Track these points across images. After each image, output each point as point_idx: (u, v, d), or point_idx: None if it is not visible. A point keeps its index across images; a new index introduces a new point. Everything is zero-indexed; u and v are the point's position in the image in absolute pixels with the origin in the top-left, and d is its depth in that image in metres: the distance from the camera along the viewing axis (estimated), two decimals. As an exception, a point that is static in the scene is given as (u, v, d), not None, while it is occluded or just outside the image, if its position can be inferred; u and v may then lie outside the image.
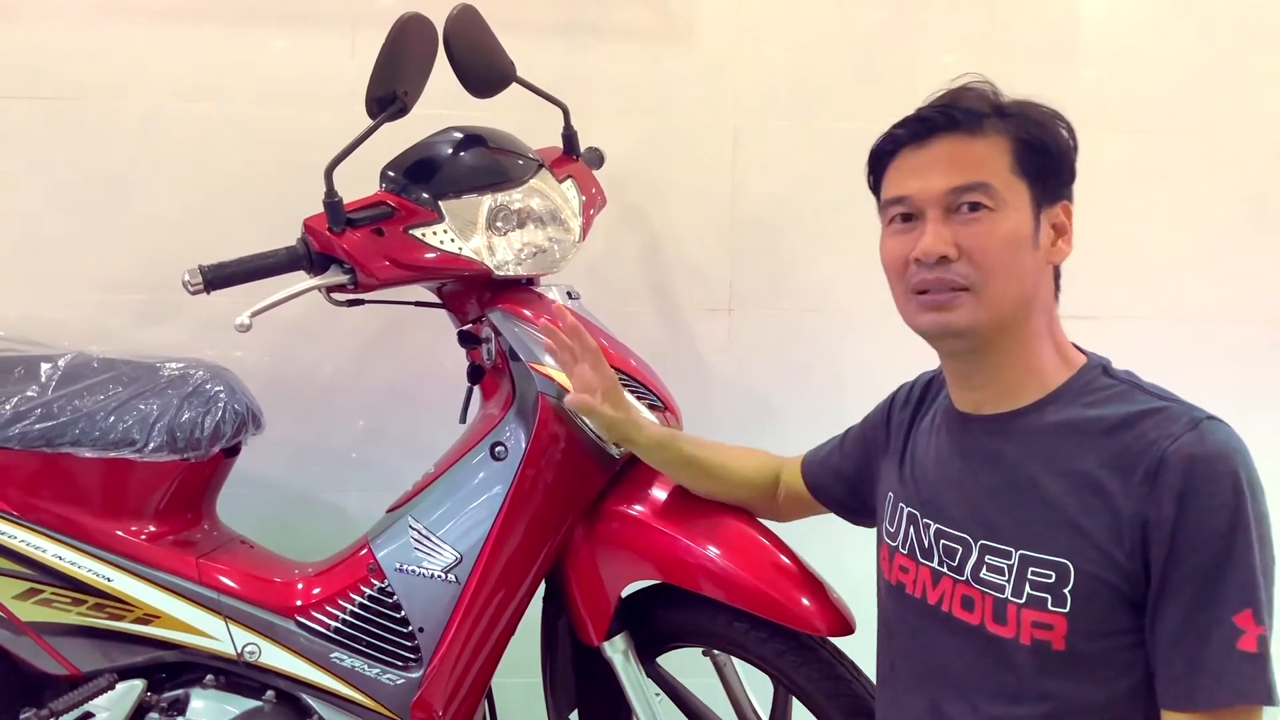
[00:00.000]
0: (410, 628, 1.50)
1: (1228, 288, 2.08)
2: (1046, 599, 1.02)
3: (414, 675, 1.50)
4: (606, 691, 1.57)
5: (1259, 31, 2.02)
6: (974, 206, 1.05)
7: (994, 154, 1.06)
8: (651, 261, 2.01)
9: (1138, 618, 1.00)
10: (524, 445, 1.46)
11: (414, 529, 1.51)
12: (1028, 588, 1.04)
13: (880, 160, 1.14)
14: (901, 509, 1.20)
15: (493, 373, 1.53)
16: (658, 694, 1.57)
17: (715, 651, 1.60)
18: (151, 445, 1.54)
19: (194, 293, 1.37)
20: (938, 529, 1.14)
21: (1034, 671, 1.04)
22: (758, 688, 1.59)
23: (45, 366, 1.57)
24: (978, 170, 1.05)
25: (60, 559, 1.53)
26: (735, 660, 1.59)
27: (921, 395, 1.26)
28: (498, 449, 1.48)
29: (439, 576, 1.48)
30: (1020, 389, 1.09)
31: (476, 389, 1.58)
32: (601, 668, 1.54)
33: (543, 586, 1.57)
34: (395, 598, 1.50)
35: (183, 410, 1.56)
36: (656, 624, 1.55)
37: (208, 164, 1.93)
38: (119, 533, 1.56)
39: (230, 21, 1.91)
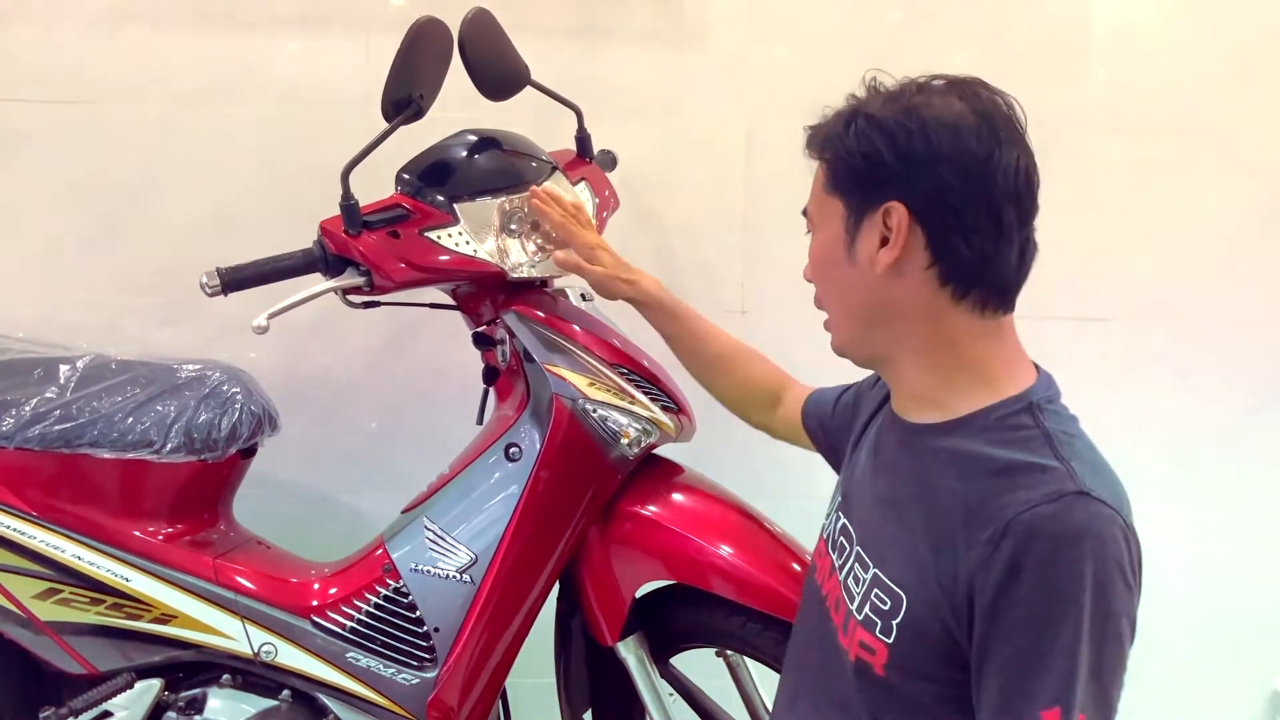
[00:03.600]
0: (425, 628, 1.50)
1: (1241, 289, 2.07)
2: (877, 624, 1.00)
3: (429, 675, 1.51)
4: (620, 692, 1.58)
5: (1272, 31, 2.01)
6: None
7: (818, 176, 1.07)
8: (664, 263, 2.01)
9: (957, 672, 0.95)
10: (539, 446, 1.46)
11: (429, 529, 1.52)
12: (868, 608, 1.02)
13: None
14: (837, 495, 1.21)
15: (507, 374, 1.53)
16: (671, 695, 1.57)
17: (729, 652, 1.60)
18: (169, 446, 1.55)
19: (211, 295, 1.38)
20: (844, 524, 1.13)
21: (857, 690, 1.03)
22: (771, 688, 1.60)
23: (64, 368, 1.58)
24: (809, 195, 1.09)
25: (79, 559, 1.54)
26: (748, 661, 1.60)
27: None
28: (512, 450, 1.49)
29: (454, 577, 1.49)
30: (925, 403, 1.04)
31: (492, 390, 1.58)
32: (615, 668, 1.54)
33: (557, 587, 1.57)
34: (410, 598, 1.51)
35: (200, 411, 1.57)
36: (670, 624, 1.55)
37: (224, 167, 1.95)
38: (137, 533, 1.57)
39: (246, 25, 1.92)
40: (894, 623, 0.98)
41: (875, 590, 1.01)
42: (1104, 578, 0.87)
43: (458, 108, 1.51)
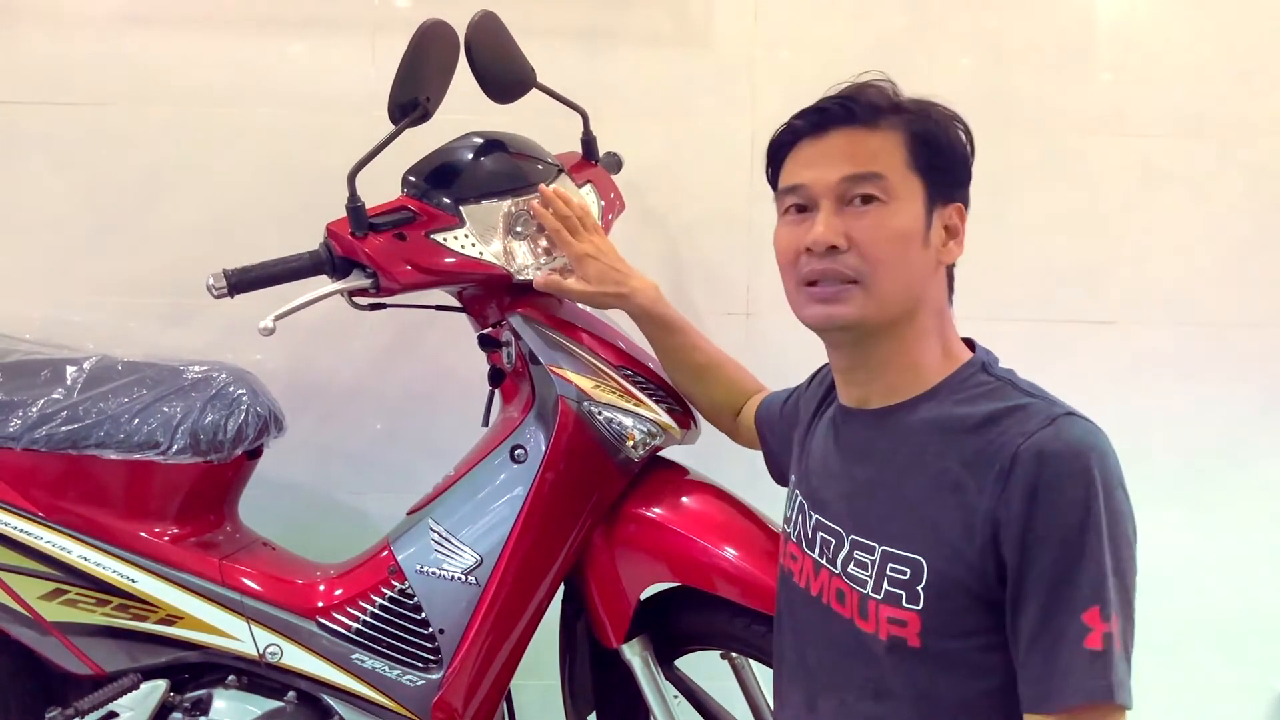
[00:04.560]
0: (431, 629, 1.51)
1: (1246, 292, 2.07)
2: (901, 595, 1.03)
3: (434, 677, 1.51)
4: (625, 694, 1.58)
5: (1278, 34, 2.01)
6: (866, 199, 1.05)
7: (889, 146, 1.06)
8: (669, 265, 2.02)
9: (993, 618, 1.00)
10: (544, 448, 1.46)
11: (434, 531, 1.52)
12: (885, 584, 1.05)
13: (779, 151, 1.15)
14: (796, 496, 1.23)
15: (513, 376, 1.53)
16: (676, 697, 1.57)
17: (733, 654, 1.60)
18: (175, 447, 1.56)
19: (218, 296, 1.38)
20: (818, 520, 1.16)
21: (893, 669, 1.05)
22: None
23: (71, 369, 1.59)
24: (872, 161, 1.06)
25: (85, 560, 1.55)
26: (753, 663, 1.60)
27: (831, 384, 1.25)
28: (517, 452, 1.49)
29: (459, 578, 1.49)
30: (901, 386, 1.10)
31: (497, 392, 1.59)
32: (620, 670, 1.55)
33: (562, 589, 1.57)
34: (416, 599, 1.51)
35: (206, 413, 1.57)
36: (675, 626, 1.55)
37: (231, 169, 1.95)
38: (143, 534, 1.58)
39: (253, 27, 1.93)
40: (919, 588, 1.02)
41: (889, 565, 1.05)
42: (1109, 483, 0.96)
43: (463, 110, 1.51)
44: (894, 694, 1.05)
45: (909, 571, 1.03)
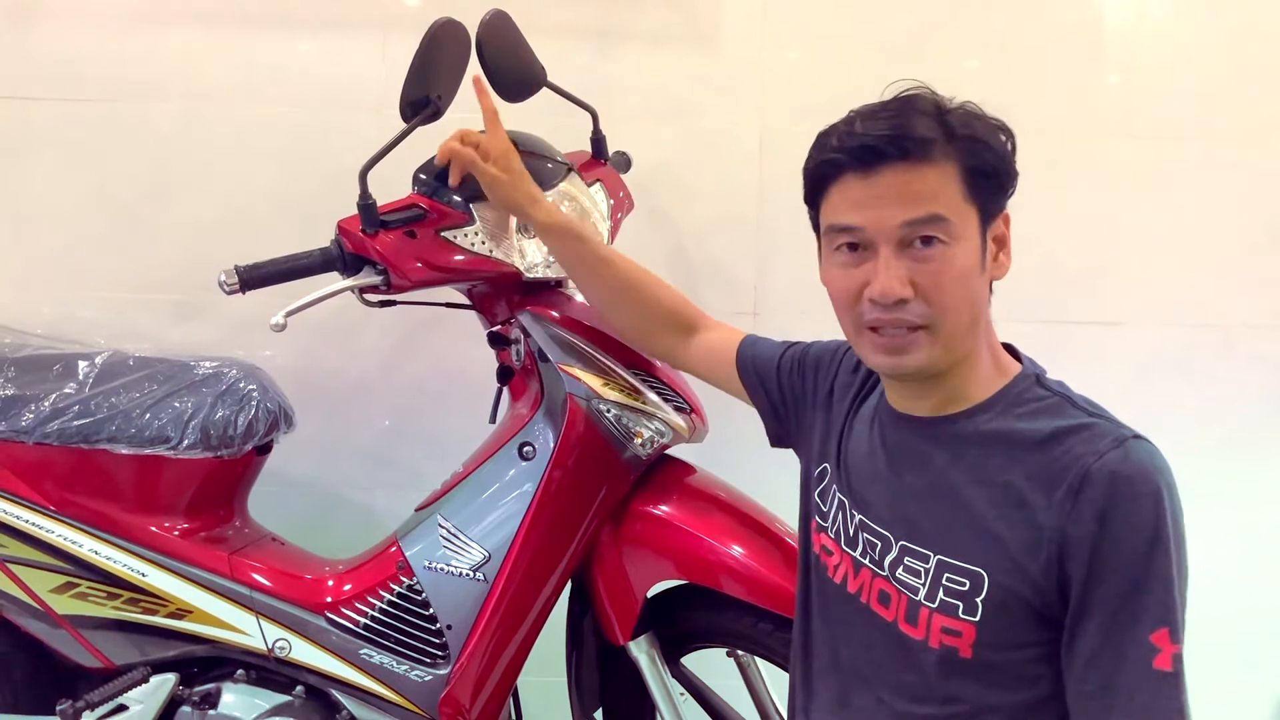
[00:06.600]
0: (438, 625, 1.51)
1: (1252, 293, 2.07)
2: (958, 606, 1.02)
3: (442, 672, 1.52)
4: (631, 691, 1.59)
5: (1284, 38, 2.02)
6: (927, 240, 1.00)
7: (945, 182, 1.00)
8: (677, 265, 2.02)
9: (1046, 632, 1.00)
10: (552, 445, 1.47)
11: (443, 527, 1.53)
12: (941, 593, 1.04)
13: (820, 181, 1.07)
14: (834, 492, 1.20)
15: (522, 373, 1.54)
16: (682, 694, 1.58)
17: (739, 652, 1.61)
18: (186, 442, 1.57)
19: (230, 293, 1.39)
20: (861, 520, 1.14)
21: (940, 675, 1.04)
22: (781, 688, 1.60)
23: (83, 364, 1.60)
24: (932, 202, 0.99)
25: (96, 554, 1.56)
26: (759, 661, 1.60)
27: (868, 374, 1.22)
28: (526, 449, 1.50)
29: (467, 574, 1.50)
30: (956, 397, 1.08)
31: (505, 389, 1.59)
32: (626, 667, 1.55)
33: (569, 586, 1.58)
34: (424, 595, 1.52)
35: (217, 408, 1.58)
36: (682, 624, 1.56)
37: (243, 166, 1.96)
38: (153, 528, 1.59)
39: (265, 25, 1.94)
40: (978, 600, 1.01)
41: (946, 574, 1.03)
42: (1174, 507, 0.97)
43: (474, 109, 1.52)
44: (937, 700, 1.05)
45: (968, 583, 1.02)
